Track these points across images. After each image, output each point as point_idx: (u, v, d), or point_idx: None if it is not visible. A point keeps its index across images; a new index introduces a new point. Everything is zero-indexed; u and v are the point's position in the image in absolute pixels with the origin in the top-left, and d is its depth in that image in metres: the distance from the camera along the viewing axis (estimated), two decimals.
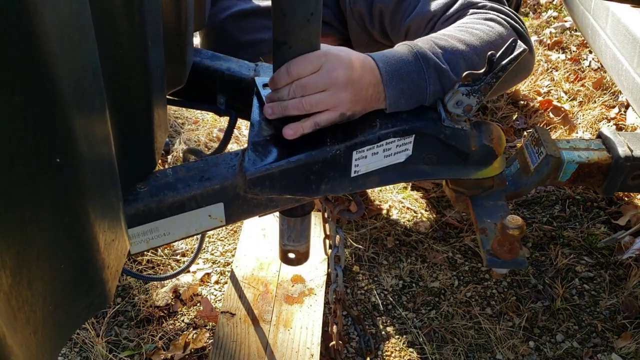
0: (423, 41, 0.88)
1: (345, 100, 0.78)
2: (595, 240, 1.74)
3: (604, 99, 2.34)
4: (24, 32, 0.34)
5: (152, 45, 0.61)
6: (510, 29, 0.96)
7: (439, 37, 0.90)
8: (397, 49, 0.86)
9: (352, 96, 0.79)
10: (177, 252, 1.73)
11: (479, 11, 0.99)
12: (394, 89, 0.82)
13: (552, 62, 2.63)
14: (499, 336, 1.47)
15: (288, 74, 0.77)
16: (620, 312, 1.53)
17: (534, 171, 1.08)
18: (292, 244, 1.05)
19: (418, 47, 0.85)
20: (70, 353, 1.44)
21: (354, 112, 0.81)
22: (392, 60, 0.83)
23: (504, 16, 0.98)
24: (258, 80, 0.90)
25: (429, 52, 0.85)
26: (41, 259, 0.44)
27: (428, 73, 0.84)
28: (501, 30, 0.94)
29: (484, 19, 0.96)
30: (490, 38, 0.92)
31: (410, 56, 0.84)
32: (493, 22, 0.95)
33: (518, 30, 0.98)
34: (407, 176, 0.90)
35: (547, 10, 3.16)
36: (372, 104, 0.83)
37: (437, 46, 0.87)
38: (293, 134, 0.78)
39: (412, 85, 0.83)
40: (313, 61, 0.77)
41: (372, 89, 0.81)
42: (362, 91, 0.79)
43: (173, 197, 0.73)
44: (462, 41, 0.90)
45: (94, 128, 0.47)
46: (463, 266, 1.67)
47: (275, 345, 1.27)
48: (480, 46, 0.90)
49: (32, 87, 0.37)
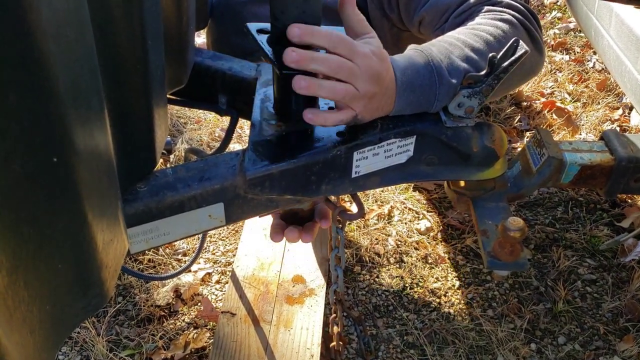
0: (439, 50, 0.85)
1: (361, 105, 0.75)
2: (598, 242, 1.73)
3: (607, 101, 2.32)
4: (19, 31, 0.34)
5: (152, 45, 0.61)
6: (524, 32, 0.94)
7: (454, 44, 0.88)
8: (415, 58, 0.83)
9: (369, 104, 0.76)
10: (178, 251, 1.73)
11: (494, 9, 0.96)
12: (404, 101, 0.81)
13: (556, 63, 2.63)
14: (500, 338, 1.46)
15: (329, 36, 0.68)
16: (623, 315, 1.52)
17: (536, 173, 1.07)
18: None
19: (436, 61, 0.83)
20: (70, 352, 1.44)
21: (363, 118, 0.78)
22: (409, 70, 0.81)
23: (520, 16, 0.95)
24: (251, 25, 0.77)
25: (445, 68, 0.83)
26: (38, 259, 0.44)
27: (440, 89, 0.82)
28: (515, 34, 0.91)
29: (499, 20, 0.93)
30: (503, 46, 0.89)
31: (425, 69, 0.82)
32: (507, 25, 0.92)
33: (532, 32, 0.96)
34: (408, 177, 0.90)
35: (551, 11, 3.15)
36: (378, 113, 0.80)
37: (453, 60, 0.85)
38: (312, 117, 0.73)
39: (421, 98, 0.82)
40: (355, 47, 0.70)
41: (385, 100, 0.79)
42: (376, 102, 0.77)
43: (173, 196, 0.73)
44: (477, 50, 0.87)
45: (91, 127, 0.47)
46: (464, 267, 1.67)
47: (275, 346, 1.27)
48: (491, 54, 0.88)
49: (27, 86, 0.36)
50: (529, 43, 0.94)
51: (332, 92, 0.71)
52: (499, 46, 0.88)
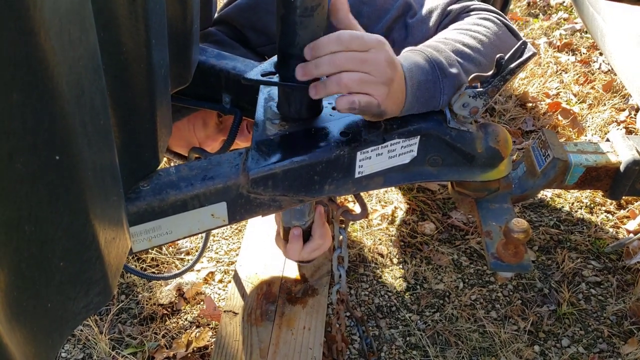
0: (434, 48, 0.87)
1: (383, 92, 0.74)
2: (602, 244, 1.72)
3: (613, 102, 2.31)
4: (23, 29, 0.34)
5: (156, 44, 0.61)
6: (503, 26, 1.00)
7: (445, 41, 0.90)
8: (413, 57, 0.84)
9: (389, 91, 0.75)
10: (181, 250, 1.73)
11: (472, 13, 1.02)
12: (412, 96, 0.81)
13: (562, 64, 2.61)
14: (503, 340, 1.46)
15: (339, 41, 0.70)
16: (627, 318, 1.51)
17: (541, 174, 1.06)
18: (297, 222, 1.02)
19: (434, 56, 0.84)
20: (73, 349, 1.45)
21: (386, 107, 0.76)
22: (413, 67, 0.81)
23: (495, 14, 1.02)
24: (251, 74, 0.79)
25: (445, 61, 0.84)
26: (39, 257, 0.44)
27: (444, 83, 0.83)
28: (496, 29, 0.98)
29: (480, 18, 0.99)
30: (489, 38, 0.95)
31: (427, 65, 0.82)
32: (488, 22, 0.99)
33: (509, 26, 1.02)
34: (411, 177, 0.90)
35: (558, 12, 3.14)
36: (396, 107, 0.79)
37: (450, 54, 0.86)
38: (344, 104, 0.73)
39: (427, 94, 0.82)
40: (366, 40, 0.71)
41: (399, 91, 0.78)
42: (395, 91, 0.76)
43: (176, 195, 0.73)
44: (468, 45, 0.90)
45: (94, 126, 0.47)
46: (468, 268, 1.66)
47: (277, 345, 1.27)
48: (483, 48, 0.92)
49: (31, 85, 0.36)
50: (507, 34, 1.00)
51: (337, 85, 0.72)
52: (486, 40, 0.94)
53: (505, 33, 0.98)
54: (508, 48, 0.94)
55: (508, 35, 0.99)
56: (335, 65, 0.71)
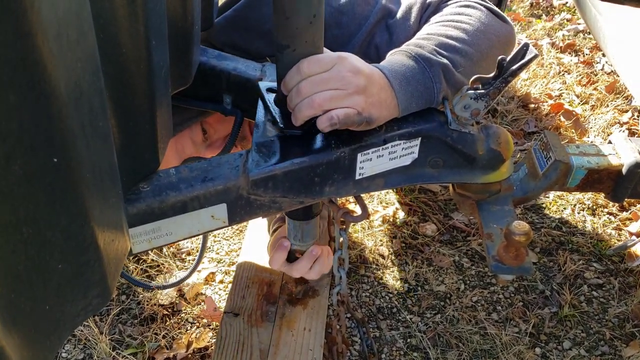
0: (414, 44, 0.87)
1: (359, 101, 0.75)
2: (605, 246, 1.71)
3: (616, 103, 2.30)
4: (20, 31, 0.34)
5: (155, 45, 0.61)
6: (485, 10, 0.98)
7: (428, 37, 0.89)
8: (395, 57, 0.84)
9: (366, 97, 0.76)
10: (182, 250, 1.73)
11: (451, 3, 1.00)
12: (404, 93, 0.81)
13: (565, 65, 2.61)
14: (504, 342, 1.45)
15: (299, 72, 0.75)
16: (630, 320, 1.51)
17: (542, 176, 1.06)
18: (298, 243, 1.04)
19: (415, 51, 0.84)
20: (73, 350, 1.45)
21: (371, 114, 0.77)
22: (395, 66, 0.82)
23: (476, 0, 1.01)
24: (262, 84, 0.88)
25: (427, 52, 0.84)
26: (37, 259, 0.43)
27: (432, 72, 0.83)
28: (479, 14, 0.96)
29: (460, 6, 0.98)
30: (473, 26, 0.93)
31: (410, 60, 0.83)
32: (469, 9, 0.97)
33: (492, 9, 1.00)
34: (412, 179, 0.89)
35: (560, 13, 3.13)
36: (388, 110, 0.80)
37: (431, 46, 0.86)
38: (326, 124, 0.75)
39: (420, 87, 0.82)
40: (325, 60, 0.75)
41: (384, 93, 0.79)
42: (374, 95, 0.77)
43: (176, 197, 0.73)
44: (450, 36, 0.90)
45: (93, 128, 0.47)
46: (469, 270, 1.66)
47: (277, 347, 1.26)
48: (468, 37, 0.91)
49: (28, 87, 0.36)
50: (492, 17, 0.98)
51: (309, 106, 0.75)
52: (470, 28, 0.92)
53: (489, 17, 0.96)
54: (494, 32, 0.94)
55: (492, 19, 0.97)
56: (302, 95, 0.74)
